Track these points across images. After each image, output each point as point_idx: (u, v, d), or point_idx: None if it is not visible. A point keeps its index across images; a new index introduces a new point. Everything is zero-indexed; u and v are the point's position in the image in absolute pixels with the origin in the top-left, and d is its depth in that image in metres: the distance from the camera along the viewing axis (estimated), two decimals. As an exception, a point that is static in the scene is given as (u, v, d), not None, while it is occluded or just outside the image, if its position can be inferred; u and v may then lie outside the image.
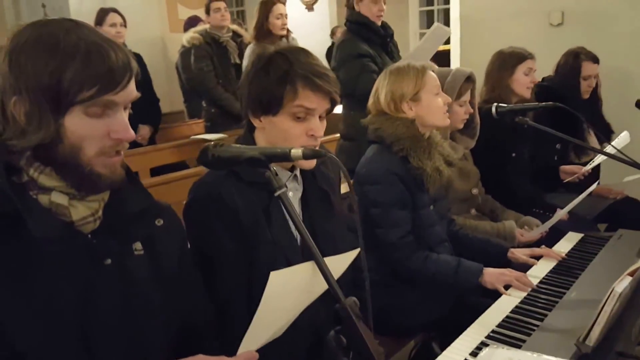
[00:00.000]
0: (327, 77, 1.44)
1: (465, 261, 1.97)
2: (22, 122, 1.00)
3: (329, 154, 1.10)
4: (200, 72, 4.27)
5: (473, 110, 2.45)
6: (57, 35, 0.99)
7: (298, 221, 1.06)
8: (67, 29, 1.00)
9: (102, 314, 1.07)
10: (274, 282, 1.01)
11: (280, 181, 1.07)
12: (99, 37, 1.02)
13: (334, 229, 1.59)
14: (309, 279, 1.05)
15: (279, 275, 1.02)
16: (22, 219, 0.99)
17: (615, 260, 1.92)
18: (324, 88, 1.43)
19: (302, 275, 1.05)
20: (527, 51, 2.90)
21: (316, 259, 1.02)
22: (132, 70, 1.03)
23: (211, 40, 4.21)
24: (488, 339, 1.51)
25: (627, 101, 3.43)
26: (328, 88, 1.43)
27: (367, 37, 3.19)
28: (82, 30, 1.01)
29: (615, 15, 3.61)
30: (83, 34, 1.00)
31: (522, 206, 2.74)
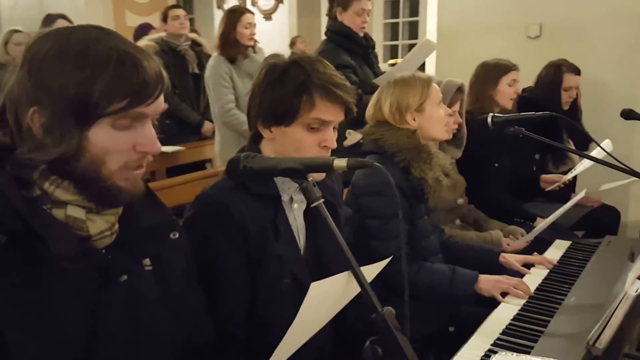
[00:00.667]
0: (345, 87, 1.43)
1: (459, 269, 1.98)
2: (39, 134, 0.95)
3: (375, 164, 1.08)
4: None
5: (461, 121, 2.49)
6: (85, 44, 0.94)
7: (337, 232, 1.03)
8: (95, 38, 0.96)
9: (110, 333, 1.03)
10: (313, 293, 0.98)
11: (318, 192, 1.04)
12: (131, 47, 0.98)
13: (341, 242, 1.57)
14: (342, 290, 1.04)
15: (318, 286, 0.99)
16: (32, 235, 0.94)
17: (608, 266, 1.96)
18: (342, 98, 1.41)
19: (338, 286, 1.03)
20: (512, 63, 2.97)
21: (353, 269, 1.00)
22: (164, 81, 1.00)
23: (168, 48, 4.16)
24: (494, 347, 1.52)
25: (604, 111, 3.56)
26: (346, 98, 1.42)
27: (348, 48, 3.19)
28: (111, 39, 0.97)
29: (592, 27, 3.75)
30: (113, 42, 0.96)
31: (503, 216, 2.79)
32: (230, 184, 1.44)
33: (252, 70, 3.72)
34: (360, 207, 2.00)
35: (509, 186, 3.01)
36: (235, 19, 3.67)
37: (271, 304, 1.44)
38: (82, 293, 0.99)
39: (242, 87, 3.66)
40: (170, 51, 4.16)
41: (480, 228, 2.60)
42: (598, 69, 3.67)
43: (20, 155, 0.96)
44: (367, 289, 0.99)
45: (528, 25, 4.00)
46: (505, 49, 3.91)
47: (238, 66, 3.68)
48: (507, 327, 1.62)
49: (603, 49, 3.74)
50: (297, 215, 1.53)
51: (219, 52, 3.70)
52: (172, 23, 4.18)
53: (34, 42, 0.97)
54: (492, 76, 2.94)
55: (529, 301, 1.78)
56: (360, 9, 3.18)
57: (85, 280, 0.99)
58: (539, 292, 1.84)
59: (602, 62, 3.70)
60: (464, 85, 2.47)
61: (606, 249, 2.16)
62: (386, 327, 0.96)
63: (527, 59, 3.58)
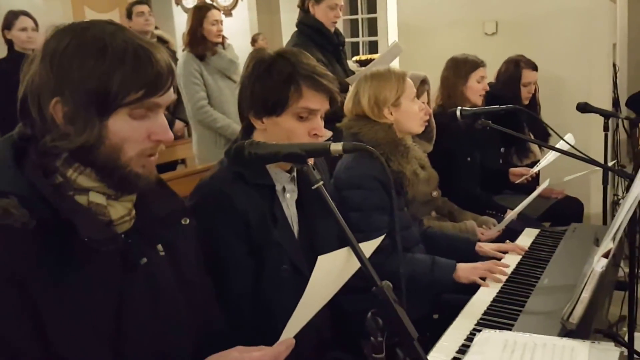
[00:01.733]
0: (329, 77, 1.58)
1: (439, 258, 2.15)
2: (62, 123, 1.04)
3: (369, 147, 1.22)
4: None
5: (430, 112, 2.65)
6: (103, 38, 1.04)
7: (336, 211, 1.15)
8: (112, 33, 1.06)
9: (134, 313, 1.12)
10: (320, 266, 1.11)
11: (318, 175, 1.17)
12: (144, 41, 1.08)
13: (330, 228, 1.71)
14: (344, 264, 1.17)
15: (324, 260, 1.11)
16: (59, 222, 1.02)
17: (576, 250, 2.17)
18: (327, 87, 1.56)
19: (340, 260, 1.16)
20: (479, 59, 3.16)
21: (352, 245, 1.13)
22: (174, 73, 1.11)
23: None
24: (478, 326, 1.68)
25: (561, 105, 3.81)
26: (330, 87, 1.57)
27: (320, 44, 3.31)
28: (126, 33, 1.07)
29: (545, 24, 3.99)
30: (128, 37, 1.07)
31: (475, 209, 2.98)
32: (229, 174, 1.57)
33: (221, 66, 3.82)
34: (343, 200, 2.13)
35: (480, 179, 3.21)
36: (201, 16, 3.75)
37: (272, 290, 1.57)
38: (107, 275, 1.08)
39: (212, 83, 3.75)
40: None
41: (454, 219, 2.79)
42: (553, 64, 3.90)
43: (46, 143, 1.05)
44: (366, 263, 1.12)
45: (485, 22, 4.19)
46: (464, 46, 4.10)
47: (207, 63, 3.76)
48: (489, 308, 1.79)
49: (556, 44, 3.97)
50: (290, 204, 1.67)
51: (188, 50, 3.78)
52: (136, 19, 4.23)
53: (52, 37, 1.07)
54: (461, 72, 3.12)
55: (506, 284, 1.97)
56: (334, 3, 3.31)
57: (109, 264, 1.09)
58: (514, 276, 2.03)
59: (556, 57, 3.93)
60: (427, 78, 2.64)
61: (572, 235, 2.37)
62: (385, 299, 1.10)
63: (484, 55, 3.78)
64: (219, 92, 3.76)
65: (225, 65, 3.82)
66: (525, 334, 1.56)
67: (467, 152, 3.10)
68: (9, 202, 0.98)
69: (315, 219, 1.69)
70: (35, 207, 1.01)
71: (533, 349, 1.47)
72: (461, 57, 3.20)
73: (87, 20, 1.12)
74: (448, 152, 2.88)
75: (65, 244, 1.03)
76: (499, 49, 3.98)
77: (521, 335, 1.56)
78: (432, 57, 4.02)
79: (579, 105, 2.81)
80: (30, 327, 0.98)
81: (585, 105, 2.81)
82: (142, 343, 1.13)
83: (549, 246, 2.28)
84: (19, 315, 0.98)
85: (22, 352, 0.98)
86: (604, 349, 1.45)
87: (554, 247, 2.25)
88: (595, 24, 3.95)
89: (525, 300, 1.80)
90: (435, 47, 4.16)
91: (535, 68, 3.48)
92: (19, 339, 0.98)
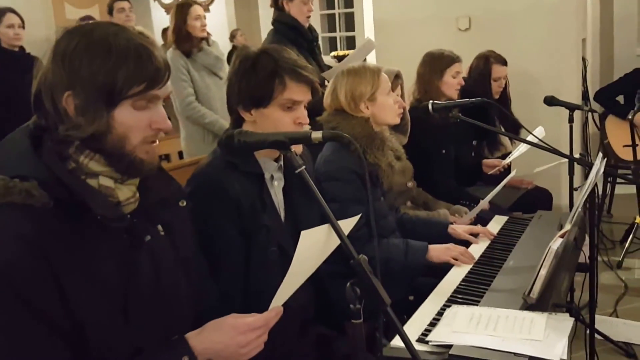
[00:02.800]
0: (309, 69, 1.76)
1: (411, 241, 2.32)
2: (73, 115, 1.19)
3: (346, 136, 1.39)
4: None
5: (405, 105, 2.83)
6: (107, 39, 1.20)
7: (318, 192, 1.32)
8: (115, 33, 1.21)
9: (140, 286, 1.28)
10: (303, 241, 1.27)
11: (300, 160, 1.34)
12: (143, 39, 1.24)
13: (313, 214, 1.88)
14: (325, 240, 1.34)
15: (307, 234, 1.28)
16: (74, 203, 1.17)
17: (540, 235, 2.36)
18: (308, 78, 1.74)
19: (322, 235, 1.32)
20: (455, 54, 3.34)
21: (332, 222, 1.30)
22: (169, 68, 1.27)
23: None
24: (448, 303, 1.86)
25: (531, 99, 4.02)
26: (311, 78, 1.75)
27: (295, 40, 3.43)
28: (127, 33, 1.23)
29: (515, 20, 4.19)
30: (129, 36, 1.22)
31: (449, 200, 3.17)
32: (222, 163, 1.74)
33: (208, 63, 3.95)
34: (321, 191, 2.29)
35: (453, 171, 3.40)
36: (184, 12, 3.86)
37: (261, 269, 1.74)
38: (116, 250, 1.24)
39: (199, 80, 3.87)
40: None
41: (429, 209, 2.97)
42: (523, 59, 4.09)
43: (60, 133, 1.19)
44: (344, 239, 1.28)
45: (458, 18, 4.37)
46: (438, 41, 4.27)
47: (194, 59, 3.89)
48: (458, 287, 1.98)
49: (527, 39, 4.17)
50: (277, 192, 1.85)
51: (174, 47, 3.89)
52: (117, 15, 4.32)
53: (61, 38, 1.21)
54: (437, 68, 3.30)
55: (475, 266, 2.16)
56: None
57: (118, 240, 1.24)
58: (483, 258, 2.22)
59: (527, 52, 4.13)
60: (400, 72, 2.81)
61: (538, 221, 2.58)
62: (362, 271, 1.26)
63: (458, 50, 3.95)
64: (206, 89, 3.90)
65: (212, 62, 3.96)
66: (489, 308, 1.75)
67: (441, 145, 3.27)
68: (31, 185, 1.14)
69: (299, 205, 1.87)
70: (53, 189, 1.15)
71: (496, 320, 1.65)
72: (437, 52, 3.37)
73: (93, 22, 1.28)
74: (423, 145, 3.06)
75: (79, 221, 1.18)
76: (472, 44, 4.17)
77: (486, 309, 1.75)
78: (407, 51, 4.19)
79: (546, 99, 3.02)
80: (57, 296, 1.14)
81: (552, 99, 3.01)
82: (147, 311, 1.29)
83: (516, 231, 2.48)
84: (49, 286, 1.13)
85: (52, 318, 1.13)
86: (560, 319, 1.64)
87: (521, 232, 2.45)
88: (564, 20, 4.16)
89: (491, 280, 1.99)
90: (410, 42, 4.33)
91: (505, 63, 3.68)
92: (49, 307, 1.13)
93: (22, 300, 1.11)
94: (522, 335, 1.57)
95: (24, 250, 1.11)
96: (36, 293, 1.12)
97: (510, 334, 1.58)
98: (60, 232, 1.16)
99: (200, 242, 1.61)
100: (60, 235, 1.16)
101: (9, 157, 1.20)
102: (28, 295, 1.11)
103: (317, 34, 3.66)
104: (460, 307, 1.77)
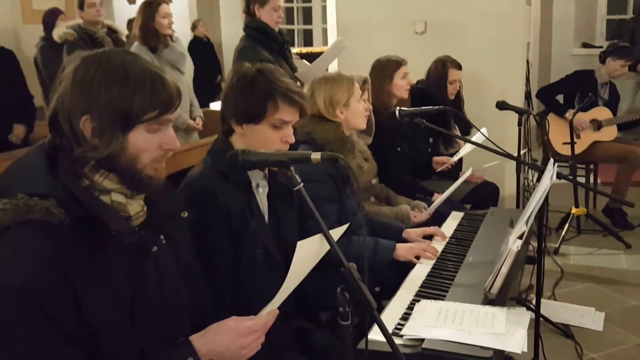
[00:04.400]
0: (301, 94, 1.83)
1: (381, 240, 2.42)
2: (90, 137, 1.22)
3: (342, 158, 1.45)
4: None
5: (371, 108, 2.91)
6: (124, 66, 1.23)
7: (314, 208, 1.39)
8: (130, 62, 1.24)
9: (146, 293, 1.32)
10: (299, 251, 1.34)
11: (298, 178, 1.40)
12: (155, 67, 1.28)
13: (294, 219, 1.96)
14: (317, 248, 1.41)
15: (302, 245, 1.35)
16: (88, 219, 1.20)
17: (494, 232, 2.49)
18: (299, 103, 1.81)
19: (314, 244, 1.39)
20: (401, 58, 3.44)
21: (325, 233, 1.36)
22: (181, 94, 1.31)
23: (86, 36, 4.19)
24: (417, 297, 1.96)
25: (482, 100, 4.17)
26: (302, 103, 1.82)
27: (266, 44, 3.49)
28: (140, 61, 1.26)
29: (468, 26, 4.32)
30: (143, 64, 1.26)
31: (406, 193, 3.28)
32: (213, 172, 1.80)
33: (172, 58, 3.93)
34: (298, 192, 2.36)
35: (409, 167, 3.51)
36: (153, 10, 3.84)
37: (248, 270, 1.81)
38: (126, 261, 1.27)
39: None
40: (88, 39, 4.21)
41: (390, 204, 3.07)
42: (475, 62, 4.24)
43: (76, 154, 1.22)
44: (335, 247, 1.36)
45: (415, 22, 4.48)
46: (396, 43, 4.39)
47: (159, 55, 3.87)
48: (424, 282, 2.08)
49: (477, 43, 4.31)
50: (262, 197, 1.91)
51: (140, 42, 3.86)
52: (88, 10, 4.24)
53: (79, 65, 1.24)
54: (386, 73, 3.39)
55: (438, 261, 2.26)
56: (277, 5, 3.51)
57: (127, 252, 1.28)
58: (444, 254, 2.33)
59: (478, 57, 4.28)
60: (368, 78, 2.90)
61: (491, 218, 2.70)
62: (351, 278, 1.35)
63: (415, 52, 4.08)
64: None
65: (176, 58, 3.95)
66: (455, 302, 1.85)
67: (397, 144, 3.39)
68: (50, 203, 1.16)
69: (282, 210, 1.94)
70: (70, 207, 1.18)
71: (462, 315, 1.75)
72: (384, 59, 3.47)
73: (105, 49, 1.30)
74: (381, 144, 3.16)
75: (94, 236, 1.21)
76: (428, 47, 4.29)
77: (452, 304, 1.85)
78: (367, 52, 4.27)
79: (498, 104, 3.14)
80: (73, 306, 1.17)
81: (503, 104, 3.14)
82: (152, 316, 1.33)
83: (472, 228, 2.60)
84: (67, 299, 1.16)
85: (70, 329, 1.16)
86: (518, 313, 1.75)
87: (476, 229, 2.57)
88: (513, 27, 4.32)
89: (454, 275, 2.10)
90: (370, 43, 4.41)
91: (460, 67, 3.81)
92: (67, 319, 1.16)
93: (42, 313, 1.14)
94: (485, 329, 1.67)
95: (44, 266, 1.14)
96: (55, 306, 1.15)
97: (475, 327, 1.68)
98: (77, 248, 1.19)
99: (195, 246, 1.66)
100: (77, 250, 1.19)
101: (26, 176, 1.22)
102: (47, 309, 1.14)
103: (287, 38, 3.71)
104: (429, 302, 1.87)
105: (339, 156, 1.47)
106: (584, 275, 3.88)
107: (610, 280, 3.78)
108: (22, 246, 1.15)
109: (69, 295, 1.16)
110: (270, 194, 1.93)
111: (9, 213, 1.15)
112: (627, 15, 8.09)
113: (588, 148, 4.66)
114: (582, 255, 4.21)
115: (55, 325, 1.15)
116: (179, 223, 1.48)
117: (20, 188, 1.17)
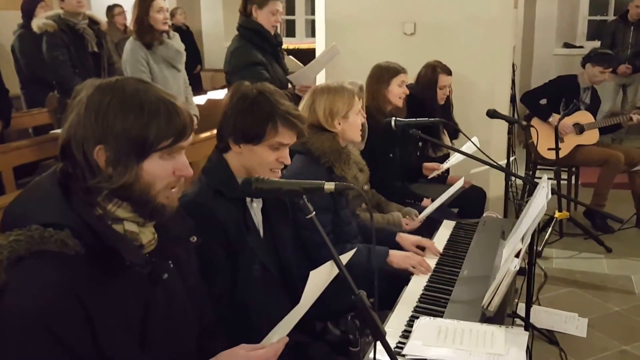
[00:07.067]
0: (300, 118, 1.85)
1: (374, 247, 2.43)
2: (104, 166, 1.21)
3: (354, 187, 1.46)
4: (54, 61, 4.15)
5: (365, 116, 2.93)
6: (138, 95, 1.22)
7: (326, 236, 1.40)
8: (144, 90, 1.24)
9: (156, 317, 1.32)
10: (311, 279, 1.35)
11: (311, 207, 1.41)
12: (168, 95, 1.27)
13: (289, 231, 1.98)
14: (327, 275, 1.42)
15: (315, 273, 1.36)
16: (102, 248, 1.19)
17: (486, 243, 2.53)
18: (298, 127, 1.83)
19: (325, 271, 1.40)
20: (400, 66, 3.45)
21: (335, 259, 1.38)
22: (193, 121, 1.30)
23: (66, 27, 4.13)
24: (415, 313, 1.98)
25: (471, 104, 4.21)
26: (301, 127, 1.84)
27: (260, 46, 3.47)
28: (154, 90, 1.25)
29: (457, 29, 4.32)
30: (157, 93, 1.25)
31: (396, 198, 3.31)
32: (210, 191, 1.81)
33: (168, 56, 3.89)
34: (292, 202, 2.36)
35: (399, 172, 3.54)
36: (147, 5, 3.80)
37: (245, 286, 1.82)
38: (137, 288, 1.28)
39: (158, 72, 3.82)
40: (69, 30, 4.14)
41: (382, 210, 3.10)
42: (463, 66, 4.24)
43: (90, 183, 1.21)
44: (345, 274, 1.38)
45: (404, 23, 4.48)
46: (385, 44, 4.39)
47: (154, 52, 3.83)
48: (421, 297, 2.10)
49: (465, 46, 4.32)
50: (256, 212, 1.93)
51: (135, 38, 3.81)
52: (69, 1, 4.15)
53: (93, 94, 1.23)
54: (384, 78, 3.41)
55: (433, 275, 2.29)
56: (275, 9, 3.49)
57: (138, 279, 1.28)
58: (440, 267, 2.35)
59: (467, 60, 4.29)
60: (363, 86, 2.92)
61: (483, 228, 2.74)
62: (362, 306, 1.36)
63: (404, 53, 4.09)
64: (164, 81, 3.84)
65: (172, 55, 3.91)
66: (454, 320, 1.88)
67: (389, 150, 3.41)
68: (65, 234, 1.15)
69: (276, 224, 1.97)
70: (84, 237, 1.18)
71: (461, 334, 1.78)
72: (384, 64, 3.49)
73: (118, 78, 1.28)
74: (372, 150, 3.17)
75: (108, 265, 1.21)
76: (417, 49, 4.30)
77: (450, 321, 1.88)
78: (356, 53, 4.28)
79: (489, 112, 3.18)
80: (89, 337, 1.17)
81: (494, 112, 3.18)
82: (161, 340, 1.34)
83: (465, 238, 2.64)
84: (82, 328, 1.16)
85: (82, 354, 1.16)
86: (516, 332, 1.79)
87: (469, 239, 2.61)
88: (501, 30, 4.35)
89: (450, 290, 2.13)
90: (359, 44, 4.40)
91: (450, 73, 3.84)
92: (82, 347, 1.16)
93: (57, 342, 1.14)
94: (485, 349, 1.70)
95: (60, 296, 1.14)
96: (70, 335, 1.15)
97: (475, 347, 1.71)
98: (91, 278, 1.19)
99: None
100: (91, 280, 1.19)
101: (40, 205, 1.21)
102: (63, 338, 1.14)
103: (281, 40, 3.70)
104: (428, 320, 1.89)
105: (351, 186, 1.48)
106: (566, 279, 3.95)
107: (592, 285, 3.86)
108: (38, 276, 1.14)
109: (84, 326, 1.16)
110: (264, 208, 1.94)
111: (24, 244, 1.14)
112: (609, 16, 8.23)
113: (571, 152, 4.74)
114: (564, 258, 4.28)
115: (69, 352, 1.15)
116: (187, 247, 1.48)
117: (34, 218, 1.17)
